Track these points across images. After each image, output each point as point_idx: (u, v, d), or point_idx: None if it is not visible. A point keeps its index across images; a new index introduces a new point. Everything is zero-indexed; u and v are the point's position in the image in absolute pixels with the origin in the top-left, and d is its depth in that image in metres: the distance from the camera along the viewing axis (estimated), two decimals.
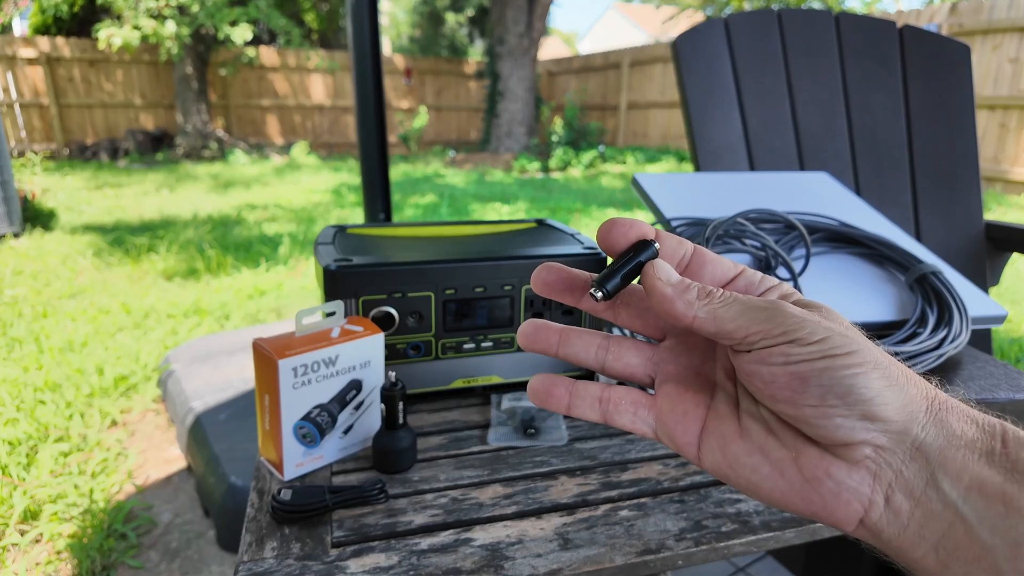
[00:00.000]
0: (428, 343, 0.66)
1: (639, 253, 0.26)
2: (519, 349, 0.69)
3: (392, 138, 9.59)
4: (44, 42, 7.81)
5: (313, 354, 0.52)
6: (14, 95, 7.77)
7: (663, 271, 0.26)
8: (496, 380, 0.70)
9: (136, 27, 6.92)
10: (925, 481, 0.22)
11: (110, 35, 6.83)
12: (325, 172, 7.12)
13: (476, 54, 12.06)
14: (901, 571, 0.24)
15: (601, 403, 0.28)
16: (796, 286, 0.69)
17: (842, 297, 0.70)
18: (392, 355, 0.65)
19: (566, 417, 0.66)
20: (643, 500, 0.52)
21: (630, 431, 0.28)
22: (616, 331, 0.30)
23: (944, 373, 0.64)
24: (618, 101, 9.56)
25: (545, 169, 7.80)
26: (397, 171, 7.41)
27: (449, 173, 7.34)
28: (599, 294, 0.27)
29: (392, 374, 0.55)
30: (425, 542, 0.47)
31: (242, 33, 7.29)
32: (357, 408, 0.57)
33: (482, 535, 0.48)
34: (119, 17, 7.07)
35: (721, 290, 0.25)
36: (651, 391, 0.29)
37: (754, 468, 0.25)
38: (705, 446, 0.27)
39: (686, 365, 0.28)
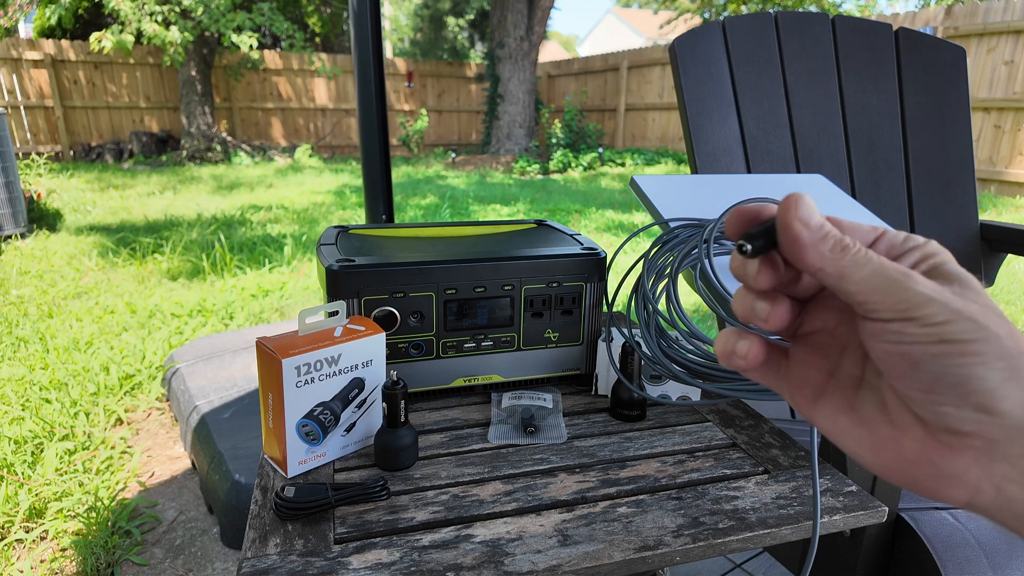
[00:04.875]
0: (429, 342, 0.67)
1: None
2: (519, 348, 0.70)
3: (394, 140, 9.61)
4: (49, 45, 7.84)
5: (316, 353, 0.53)
6: (19, 97, 7.81)
7: (805, 209, 0.23)
8: (496, 379, 0.71)
9: (136, 31, 6.94)
10: None
11: (99, 37, 6.85)
12: (328, 174, 7.14)
13: (477, 57, 12.08)
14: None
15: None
16: None
17: None
18: (394, 354, 0.66)
19: (564, 415, 0.67)
20: (641, 497, 0.53)
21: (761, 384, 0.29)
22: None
23: None
24: (617, 104, 9.56)
25: (545, 171, 7.81)
26: (399, 173, 7.43)
27: (450, 175, 7.36)
28: (748, 247, 0.25)
29: (394, 373, 0.56)
30: (426, 538, 0.48)
31: (247, 41, 7.32)
32: (359, 406, 0.58)
33: (483, 531, 0.48)
34: (121, 22, 7.08)
35: (861, 247, 0.23)
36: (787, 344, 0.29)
37: (858, 440, 0.25)
38: (820, 412, 0.27)
39: (821, 327, 0.27)
